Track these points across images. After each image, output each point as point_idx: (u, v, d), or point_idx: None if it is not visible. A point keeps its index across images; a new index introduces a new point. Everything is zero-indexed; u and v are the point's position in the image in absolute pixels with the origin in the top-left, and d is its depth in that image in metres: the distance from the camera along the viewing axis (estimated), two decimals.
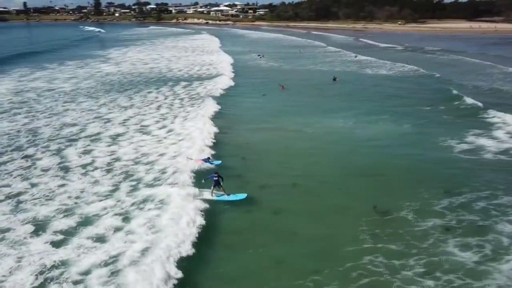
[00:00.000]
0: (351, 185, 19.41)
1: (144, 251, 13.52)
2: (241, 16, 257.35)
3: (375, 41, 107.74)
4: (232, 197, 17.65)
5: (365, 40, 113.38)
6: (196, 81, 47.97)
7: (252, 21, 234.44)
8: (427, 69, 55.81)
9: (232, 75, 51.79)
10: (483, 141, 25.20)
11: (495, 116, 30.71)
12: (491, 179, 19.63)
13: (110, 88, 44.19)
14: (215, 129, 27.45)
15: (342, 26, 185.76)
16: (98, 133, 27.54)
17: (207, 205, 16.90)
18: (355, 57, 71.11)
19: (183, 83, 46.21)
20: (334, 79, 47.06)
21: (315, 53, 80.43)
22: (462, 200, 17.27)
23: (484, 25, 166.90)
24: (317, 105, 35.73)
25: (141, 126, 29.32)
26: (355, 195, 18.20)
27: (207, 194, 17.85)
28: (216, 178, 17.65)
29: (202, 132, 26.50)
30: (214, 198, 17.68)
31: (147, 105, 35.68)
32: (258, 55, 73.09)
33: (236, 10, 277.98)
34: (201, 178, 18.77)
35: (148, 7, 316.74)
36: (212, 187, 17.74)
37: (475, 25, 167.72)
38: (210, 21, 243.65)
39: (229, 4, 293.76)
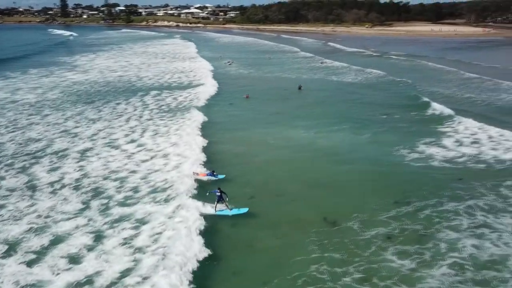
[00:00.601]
0: (306, 196, 20.67)
1: (123, 272, 14.31)
2: (211, 19, 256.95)
3: (343, 45, 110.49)
4: (234, 211, 18.52)
5: (333, 44, 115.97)
6: (166, 90, 48.12)
7: (223, 24, 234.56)
8: (391, 74, 58.35)
9: (207, 83, 52.17)
10: (433, 150, 27.01)
11: (448, 124, 32.92)
12: (438, 187, 21.35)
13: (77, 99, 43.84)
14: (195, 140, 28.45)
15: (312, 29, 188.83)
16: (66, 149, 27.61)
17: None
18: (321, 63, 72.87)
19: (153, 93, 46.38)
20: (299, 88, 48.29)
21: (284, 59, 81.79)
22: (408, 209, 18.86)
23: (445, 28, 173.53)
24: (281, 115, 36.88)
25: (110, 140, 29.61)
26: (308, 206, 19.47)
27: (211, 208, 18.66)
28: (219, 194, 18.54)
29: (178, 146, 27.48)
30: (217, 212, 18.55)
31: (116, 118, 35.83)
32: (228, 62, 73.73)
33: (207, 12, 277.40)
34: (188, 193, 19.96)
35: (117, 8, 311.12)
36: (215, 202, 18.60)
37: (436, 28, 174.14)
38: (181, 24, 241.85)
39: (200, 6, 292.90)
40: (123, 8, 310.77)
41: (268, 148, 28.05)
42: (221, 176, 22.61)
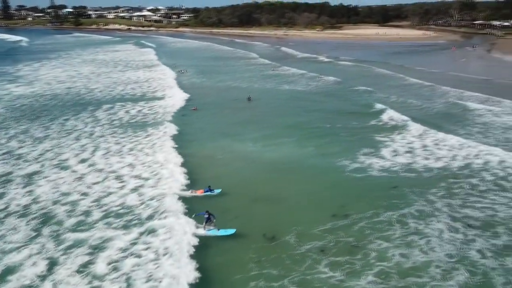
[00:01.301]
0: (248, 212, 21.81)
1: None
2: (164, 22, 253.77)
3: (295, 50, 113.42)
4: (222, 232, 19.41)
5: (285, 49, 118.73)
6: (118, 103, 47.42)
7: (176, 27, 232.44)
8: (342, 82, 61.18)
9: (163, 95, 52.00)
10: (372, 160, 29.05)
11: (389, 133, 35.31)
12: (375, 197, 23.21)
13: (21, 115, 42.25)
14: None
15: (265, 33, 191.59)
16: (10, 173, 26.82)
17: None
18: (273, 70, 74.37)
19: (105, 107, 45.67)
20: (249, 99, 49.05)
21: (237, 66, 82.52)
22: (344, 222, 20.51)
23: (389, 31, 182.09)
24: (229, 128, 37.70)
25: (59, 161, 29.14)
26: (249, 223, 20.61)
27: (201, 229, 19.49)
28: (207, 216, 19.54)
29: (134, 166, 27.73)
30: (206, 233, 19.41)
31: (65, 136, 35.14)
32: (180, 71, 73.37)
33: (159, 15, 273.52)
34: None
35: (65, 10, 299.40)
36: (204, 223, 19.59)
37: (381, 31, 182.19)
38: (132, 27, 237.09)
39: (152, 9, 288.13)
40: (71, 10, 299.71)
41: (216, 163, 28.86)
42: (217, 191, 23.60)
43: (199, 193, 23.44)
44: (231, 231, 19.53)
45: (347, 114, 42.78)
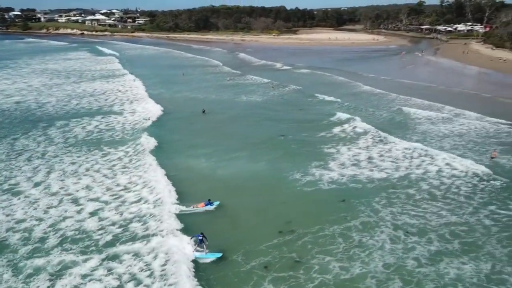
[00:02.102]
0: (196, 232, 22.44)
1: None
2: (119, 26, 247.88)
3: (253, 57, 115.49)
4: (209, 256, 19.96)
5: (243, 56, 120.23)
6: (73, 119, 46.26)
7: (132, 32, 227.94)
8: (297, 91, 63.30)
9: (118, 109, 51.33)
10: (323, 172, 30.80)
11: (339, 144, 37.33)
12: (322, 212, 24.85)
13: None
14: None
15: (222, 38, 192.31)
16: None
17: None
18: (229, 80, 74.66)
19: (59, 123, 44.36)
20: (203, 112, 49.64)
21: (194, 75, 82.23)
22: (289, 238, 21.88)
23: (341, 36, 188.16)
24: (183, 143, 38.08)
25: (10, 185, 28.55)
26: None
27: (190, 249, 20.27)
28: (201, 238, 20.13)
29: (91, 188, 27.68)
30: (194, 254, 19.95)
31: (15, 157, 34.20)
32: (135, 80, 72.59)
33: (114, 19, 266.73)
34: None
35: (12, 13, 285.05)
36: (195, 245, 20.17)
37: (333, 36, 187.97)
38: (85, 32, 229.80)
39: (106, 13, 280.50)
40: (19, 13, 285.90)
41: (169, 181, 29.07)
42: (216, 203, 25.01)
43: (200, 206, 24.74)
44: (218, 254, 20.08)
45: (301, 124, 44.43)
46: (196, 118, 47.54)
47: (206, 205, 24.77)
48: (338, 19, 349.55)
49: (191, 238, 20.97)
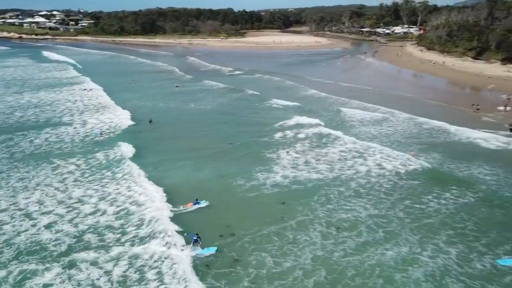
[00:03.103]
0: None
1: None
2: (61, 29, 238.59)
3: (202, 61, 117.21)
4: (205, 251, 22.77)
5: (192, 60, 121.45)
6: (17, 132, 45.91)
7: (75, 35, 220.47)
8: (246, 96, 65.84)
9: (68, 120, 51.04)
10: (267, 175, 33.66)
11: (283, 147, 40.42)
12: (262, 214, 27.40)
13: None
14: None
15: (169, 42, 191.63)
16: None
17: None
18: (176, 87, 75.64)
19: (1, 138, 44.09)
20: (150, 121, 50.13)
21: (143, 81, 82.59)
22: (230, 240, 24.35)
23: (285, 39, 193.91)
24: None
25: None
26: None
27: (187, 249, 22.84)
28: (196, 238, 22.90)
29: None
30: (192, 251, 22.62)
31: None
32: (85, 89, 71.50)
33: (55, 21, 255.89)
34: None
35: None
36: (192, 243, 22.85)
37: (277, 39, 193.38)
38: (24, 35, 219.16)
39: (47, 14, 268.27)
40: None
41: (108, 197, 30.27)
42: (203, 202, 28.39)
43: (189, 205, 27.87)
44: (213, 249, 23.01)
45: (249, 130, 47.10)
46: (143, 127, 48.64)
47: (195, 204, 28.13)
48: (285, 21, 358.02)
49: (185, 235, 23.92)
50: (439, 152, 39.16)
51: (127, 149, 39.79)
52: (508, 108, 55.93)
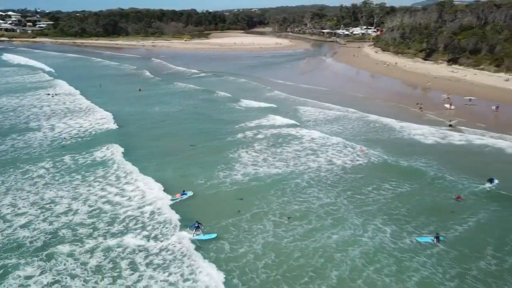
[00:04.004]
0: None
1: None
2: (18, 31, 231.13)
3: (168, 63, 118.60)
4: (206, 236, 26.21)
5: (156, 63, 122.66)
6: None
7: (33, 37, 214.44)
8: (210, 98, 68.61)
9: (35, 126, 51.66)
10: (228, 173, 36.69)
11: (244, 146, 43.54)
12: (220, 210, 29.85)
13: None
14: None
15: (132, 44, 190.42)
16: None
17: None
18: (139, 90, 76.88)
19: None
20: (117, 125, 51.86)
21: (108, 85, 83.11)
22: None
23: (246, 40, 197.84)
24: (89, 166, 39.70)
25: None
26: None
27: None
28: (197, 225, 26.34)
29: None
30: (195, 237, 25.93)
31: None
32: (50, 95, 71.47)
33: (10, 22, 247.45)
34: None
35: None
36: (194, 230, 26.19)
37: (238, 40, 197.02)
38: None
39: (1, 15, 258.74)
40: None
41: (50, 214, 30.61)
42: (189, 193, 32.30)
43: (177, 196, 31.71)
44: (213, 235, 26.37)
45: (213, 131, 49.91)
46: (111, 132, 50.17)
47: (182, 195, 31.80)
48: (249, 22, 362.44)
49: (188, 228, 26.70)
50: (384, 147, 43.55)
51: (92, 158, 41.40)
52: (452, 107, 61.66)
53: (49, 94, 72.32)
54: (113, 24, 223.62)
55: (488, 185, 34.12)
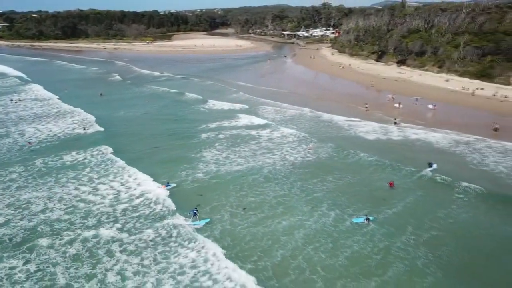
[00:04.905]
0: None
1: None
2: None
3: (132, 65, 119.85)
4: (202, 222, 30.41)
5: (121, 64, 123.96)
6: None
7: None
8: (180, 102, 71.56)
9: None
10: (189, 172, 40.37)
11: (206, 146, 47.21)
12: (179, 206, 34.23)
13: None
14: None
15: (93, 47, 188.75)
16: None
17: None
18: (101, 94, 78.45)
19: None
20: (84, 129, 54.60)
21: (78, 91, 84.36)
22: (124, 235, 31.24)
23: (207, 43, 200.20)
24: (47, 173, 41.50)
25: None
26: None
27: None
28: (195, 212, 30.64)
29: None
30: (191, 223, 30.01)
31: None
32: (13, 101, 72.16)
33: None
34: None
35: None
36: (191, 217, 30.29)
37: (199, 43, 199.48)
38: None
39: None
40: None
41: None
42: (173, 185, 36.52)
43: (163, 187, 35.78)
44: (207, 220, 30.90)
45: (178, 132, 53.31)
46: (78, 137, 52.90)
47: (167, 186, 36.31)
48: (211, 23, 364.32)
49: (189, 213, 31.17)
50: (332, 143, 48.51)
51: (67, 157, 44.39)
52: (401, 106, 67.79)
53: (12, 100, 72.66)
54: (72, 27, 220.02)
55: (428, 169, 40.08)
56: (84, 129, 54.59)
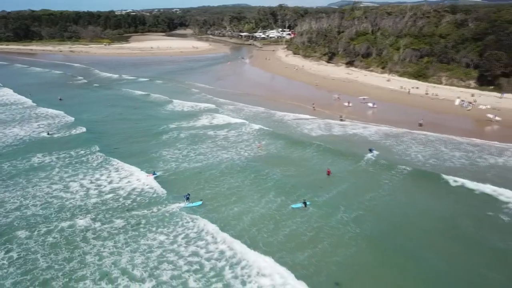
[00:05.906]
0: None
1: None
2: None
3: (92, 69, 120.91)
4: (194, 204, 36.07)
5: (80, 67, 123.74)
6: None
7: None
8: (139, 102, 75.05)
9: None
10: (131, 178, 44.72)
11: (167, 146, 51.50)
12: (142, 203, 38.82)
13: None
14: None
15: (48, 49, 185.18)
16: None
17: None
18: (60, 99, 79.97)
19: None
20: (48, 134, 56.88)
21: (42, 94, 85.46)
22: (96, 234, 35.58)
23: (163, 45, 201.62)
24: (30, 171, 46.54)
25: None
26: None
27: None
28: (188, 196, 36.45)
29: None
30: (186, 205, 35.58)
31: None
32: None
33: None
34: None
35: None
36: (185, 201, 36.13)
37: (155, 44, 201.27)
38: None
39: None
40: None
41: None
42: (158, 173, 42.35)
43: (150, 176, 41.42)
44: (199, 202, 36.43)
45: (139, 133, 57.26)
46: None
47: (153, 174, 42.04)
48: (170, 24, 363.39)
49: (184, 196, 36.82)
50: (282, 140, 54.26)
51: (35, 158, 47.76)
52: (351, 104, 74.65)
53: None
54: (24, 28, 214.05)
55: (369, 154, 47.11)
56: (48, 134, 57.14)
